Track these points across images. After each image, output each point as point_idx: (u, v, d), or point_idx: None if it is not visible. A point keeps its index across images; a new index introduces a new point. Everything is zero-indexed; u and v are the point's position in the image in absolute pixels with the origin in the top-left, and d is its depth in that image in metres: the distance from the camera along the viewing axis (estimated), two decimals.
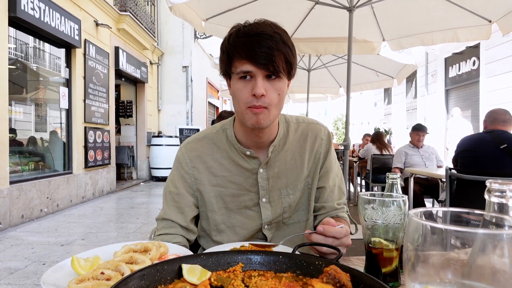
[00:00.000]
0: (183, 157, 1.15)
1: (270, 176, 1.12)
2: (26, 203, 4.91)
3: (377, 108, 18.33)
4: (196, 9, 3.69)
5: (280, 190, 1.13)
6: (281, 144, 1.13)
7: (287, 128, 1.16)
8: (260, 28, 0.96)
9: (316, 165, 1.17)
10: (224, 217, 1.14)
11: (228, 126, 1.15)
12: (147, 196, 7.38)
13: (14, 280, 2.92)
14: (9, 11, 4.59)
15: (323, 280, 0.61)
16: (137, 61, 8.88)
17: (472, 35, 3.99)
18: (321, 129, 1.20)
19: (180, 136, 10.22)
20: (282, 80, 0.99)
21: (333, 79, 7.64)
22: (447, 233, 0.35)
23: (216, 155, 1.13)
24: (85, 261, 0.78)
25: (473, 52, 9.41)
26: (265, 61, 0.94)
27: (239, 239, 1.14)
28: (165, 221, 1.14)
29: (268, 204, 1.13)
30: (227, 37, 1.02)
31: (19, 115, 5.79)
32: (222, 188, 1.12)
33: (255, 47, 0.94)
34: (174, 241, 1.09)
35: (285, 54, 0.96)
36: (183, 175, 1.14)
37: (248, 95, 0.98)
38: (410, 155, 4.69)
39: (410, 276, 0.37)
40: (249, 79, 0.98)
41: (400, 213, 0.75)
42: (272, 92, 0.98)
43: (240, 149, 1.10)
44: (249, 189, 1.12)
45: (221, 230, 1.15)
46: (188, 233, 1.15)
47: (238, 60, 0.97)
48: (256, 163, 1.11)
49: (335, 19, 4.13)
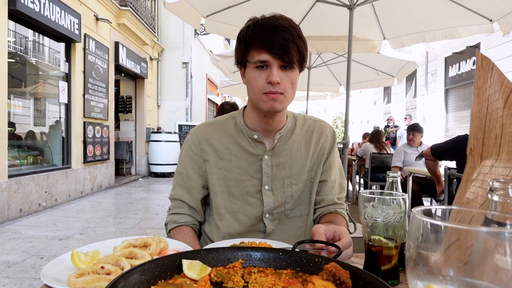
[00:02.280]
0: (192, 140, 1.20)
1: (274, 164, 1.15)
2: (25, 197, 4.90)
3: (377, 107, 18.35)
4: (196, 6, 3.68)
5: (283, 180, 1.16)
6: (288, 134, 1.18)
7: (294, 122, 1.21)
8: (277, 21, 1.02)
9: (319, 160, 1.21)
10: (225, 201, 1.17)
11: (237, 114, 1.20)
12: (146, 192, 7.38)
13: (12, 273, 2.92)
14: (9, 4, 4.57)
15: (323, 277, 0.62)
16: (137, 57, 8.85)
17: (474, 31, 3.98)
18: (327, 127, 1.25)
19: (179, 132, 10.21)
20: (295, 70, 1.05)
21: (333, 77, 7.63)
22: (449, 231, 0.35)
23: (223, 139, 1.17)
24: (85, 255, 0.78)
25: (474, 52, 9.41)
26: (281, 52, 1.00)
27: (239, 225, 1.16)
28: (176, 201, 1.20)
29: (270, 192, 1.15)
30: (244, 28, 1.08)
31: (18, 109, 5.77)
32: (226, 171, 1.16)
33: (272, 38, 1.00)
34: (182, 221, 1.16)
35: (299, 46, 1.03)
36: (192, 157, 1.19)
37: (263, 83, 1.03)
38: (409, 154, 4.71)
39: (412, 274, 0.38)
40: (264, 68, 1.03)
41: (400, 212, 0.75)
42: (286, 81, 1.04)
43: (248, 133, 1.14)
44: (252, 175, 1.15)
45: (221, 215, 1.17)
46: (196, 214, 1.20)
47: (255, 49, 1.02)
48: (262, 149, 1.15)
49: (335, 17, 4.12)
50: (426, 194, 4.38)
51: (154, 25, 9.76)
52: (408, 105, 14.16)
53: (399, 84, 7.12)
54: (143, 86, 9.59)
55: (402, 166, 4.67)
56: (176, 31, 10.53)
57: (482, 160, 0.80)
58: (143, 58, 9.30)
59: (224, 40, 15.62)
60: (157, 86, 10.51)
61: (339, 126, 24.72)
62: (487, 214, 0.43)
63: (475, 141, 0.83)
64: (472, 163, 0.83)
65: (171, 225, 1.17)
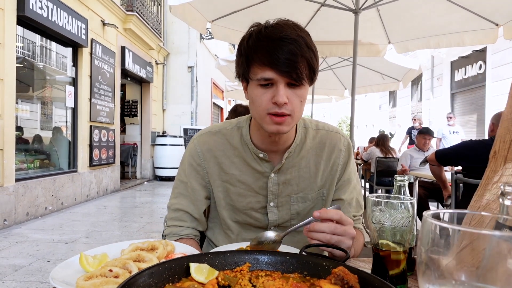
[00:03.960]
0: (195, 150, 1.12)
1: (281, 181, 1.08)
2: (31, 200, 4.94)
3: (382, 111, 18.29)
4: (201, 10, 3.70)
5: (289, 197, 1.09)
6: (297, 150, 1.08)
7: (305, 134, 1.10)
8: (283, 31, 0.89)
9: (333, 177, 1.11)
10: (230, 213, 1.13)
11: (244, 124, 1.10)
12: (151, 196, 7.40)
13: (19, 277, 2.94)
14: (17, 10, 4.63)
15: (331, 281, 0.61)
16: (143, 61, 8.92)
17: (478, 39, 3.97)
18: (341, 139, 1.13)
19: (185, 136, 10.24)
20: (304, 87, 0.93)
21: (338, 81, 7.63)
22: (461, 235, 0.35)
23: (228, 152, 1.10)
24: (93, 258, 0.79)
25: (480, 56, 9.36)
26: (288, 69, 0.87)
27: (247, 234, 1.14)
28: (178, 211, 1.12)
29: (275, 208, 1.10)
30: (246, 37, 0.95)
31: (25, 113, 5.84)
32: (230, 185, 1.10)
33: (277, 52, 0.87)
34: (183, 233, 1.10)
35: (309, 59, 0.90)
36: (196, 168, 1.12)
37: (268, 102, 0.92)
38: (415, 158, 4.68)
39: (424, 278, 0.37)
40: (269, 86, 0.91)
41: (408, 216, 0.74)
42: (294, 99, 0.92)
43: (254, 150, 1.06)
44: (257, 192, 1.09)
45: (228, 225, 1.14)
46: (199, 225, 1.14)
47: (258, 65, 0.90)
48: (269, 167, 1.07)
49: (340, 21, 4.12)
50: (432, 199, 4.35)
51: (160, 30, 9.84)
52: (414, 109, 14.10)
53: (404, 88, 7.10)
54: (149, 90, 9.65)
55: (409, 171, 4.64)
56: (181, 36, 10.61)
57: (506, 163, 0.78)
58: (149, 62, 9.37)
59: (229, 45, 15.69)
60: (163, 90, 10.57)
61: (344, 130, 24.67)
62: (499, 218, 0.43)
63: (501, 143, 0.80)
64: (494, 167, 0.81)
65: (171, 237, 1.10)
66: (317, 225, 0.83)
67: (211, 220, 1.22)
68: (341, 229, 0.83)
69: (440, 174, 3.27)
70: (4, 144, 4.39)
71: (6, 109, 4.43)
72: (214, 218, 1.20)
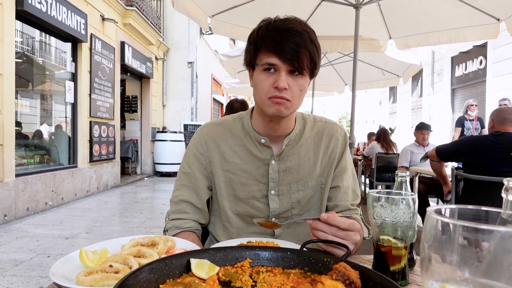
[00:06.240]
0: (198, 139, 1.17)
1: (281, 169, 1.12)
2: (31, 196, 4.94)
3: (382, 107, 18.26)
4: (201, 5, 3.68)
5: (290, 185, 1.13)
6: (296, 139, 1.14)
7: (303, 125, 1.17)
8: (290, 24, 0.97)
9: (330, 165, 1.16)
10: (232, 204, 1.15)
11: (245, 115, 1.17)
12: (151, 191, 7.41)
13: (19, 272, 2.94)
14: (16, 5, 4.61)
15: (332, 277, 0.61)
16: (142, 56, 8.89)
17: (479, 34, 3.95)
18: (338, 129, 1.20)
19: (185, 131, 10.23)
20: (304, 77, 1.01)
21: (339, 77, 7.60)
22: (465, 230, 0.34)
23: (230, 141, 1.15)
24: (93, 253, 0.79)
25: (480, 51, 9.33)
26: (291, 56, 0.95)
27: (247, 227, 1.15)
28: (181, 203, 1.15)
29: (276, 197, 1.13)
30: (256, 29, 1.04)
31: (25, 108, 5.82)
32: (232, 174, 1.14)
33: (283, 41, 0.95)
34: (185, 226, 1.12)
35: (311, 52, 0.98)
36: (198, 157, 1.16)
37: (269, 87, 0.99)
38: (416, 154, 4.68)
39: (428, 274, 0.37)
40: (272, 71, 0.99)
41: (409, 211, 0.74)
42: (294, 87, 1.00)
43: (255, 136, 1.11)
44: (259, 180, 1.13)
45: (229, 216, 1.16)
46: (201, 217, 1.17)
47: (264, 52, 0.99)
48: (269, 153, 1.12)
49: (341, 16, 4.10)
50: (432, 195, 4.35)
51: (160, 25, 9.80)
52: (414, 104, 14.08)
53: (405, 83, 7.07)
54: (149, 85, 9.63)
55: (409, 166, 4.64)
56: (181, 31, 10.56)
57: None
58: (149, 57, 9.34)
59: (230, 40, 15.63)
60: (163, 86, 10.54)
61: (344, 126, 24.65)
62: (502, 214, 0.43)
63: None
64: None
65: (173, 230, 1.12)
66: (319, 225, 0.85)
67: (212, 214, 1.24)
68: (342, 233, 0.84)
69: (440, 170, 3.26)
70: (4, 139, 4.39)
71: (6, 104, 4.42)
72: (215, 211, 1.22)
